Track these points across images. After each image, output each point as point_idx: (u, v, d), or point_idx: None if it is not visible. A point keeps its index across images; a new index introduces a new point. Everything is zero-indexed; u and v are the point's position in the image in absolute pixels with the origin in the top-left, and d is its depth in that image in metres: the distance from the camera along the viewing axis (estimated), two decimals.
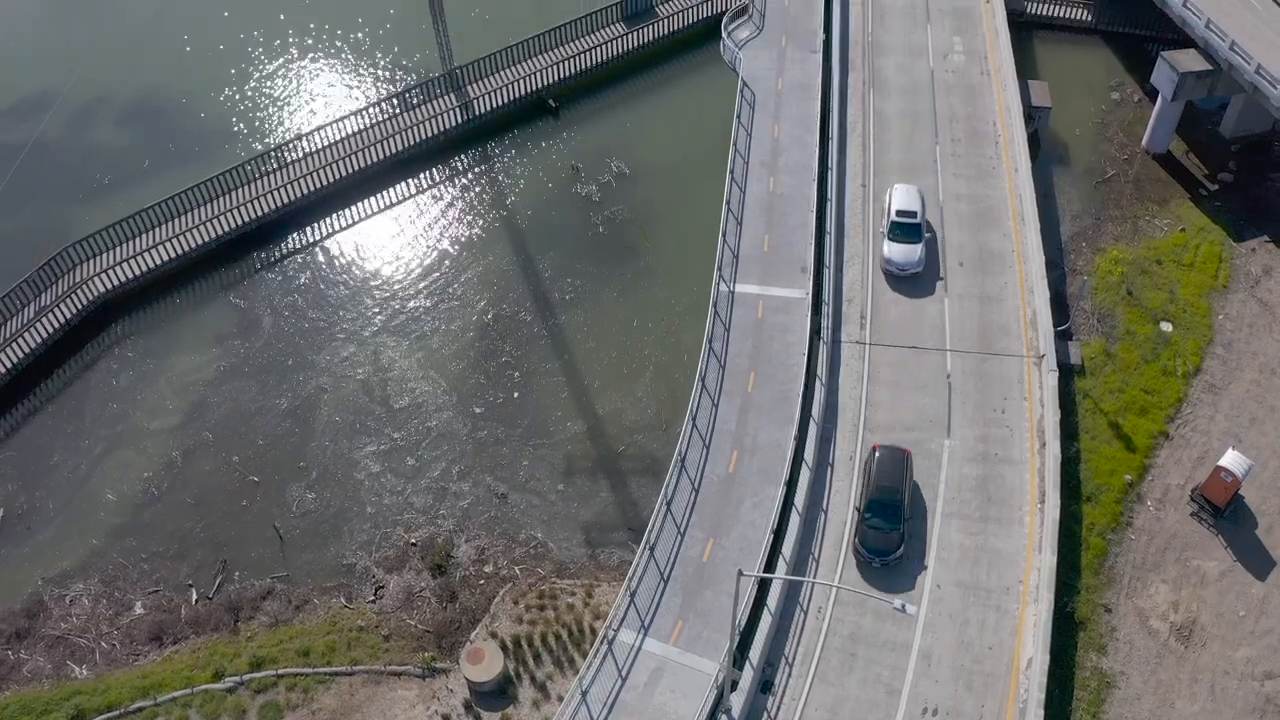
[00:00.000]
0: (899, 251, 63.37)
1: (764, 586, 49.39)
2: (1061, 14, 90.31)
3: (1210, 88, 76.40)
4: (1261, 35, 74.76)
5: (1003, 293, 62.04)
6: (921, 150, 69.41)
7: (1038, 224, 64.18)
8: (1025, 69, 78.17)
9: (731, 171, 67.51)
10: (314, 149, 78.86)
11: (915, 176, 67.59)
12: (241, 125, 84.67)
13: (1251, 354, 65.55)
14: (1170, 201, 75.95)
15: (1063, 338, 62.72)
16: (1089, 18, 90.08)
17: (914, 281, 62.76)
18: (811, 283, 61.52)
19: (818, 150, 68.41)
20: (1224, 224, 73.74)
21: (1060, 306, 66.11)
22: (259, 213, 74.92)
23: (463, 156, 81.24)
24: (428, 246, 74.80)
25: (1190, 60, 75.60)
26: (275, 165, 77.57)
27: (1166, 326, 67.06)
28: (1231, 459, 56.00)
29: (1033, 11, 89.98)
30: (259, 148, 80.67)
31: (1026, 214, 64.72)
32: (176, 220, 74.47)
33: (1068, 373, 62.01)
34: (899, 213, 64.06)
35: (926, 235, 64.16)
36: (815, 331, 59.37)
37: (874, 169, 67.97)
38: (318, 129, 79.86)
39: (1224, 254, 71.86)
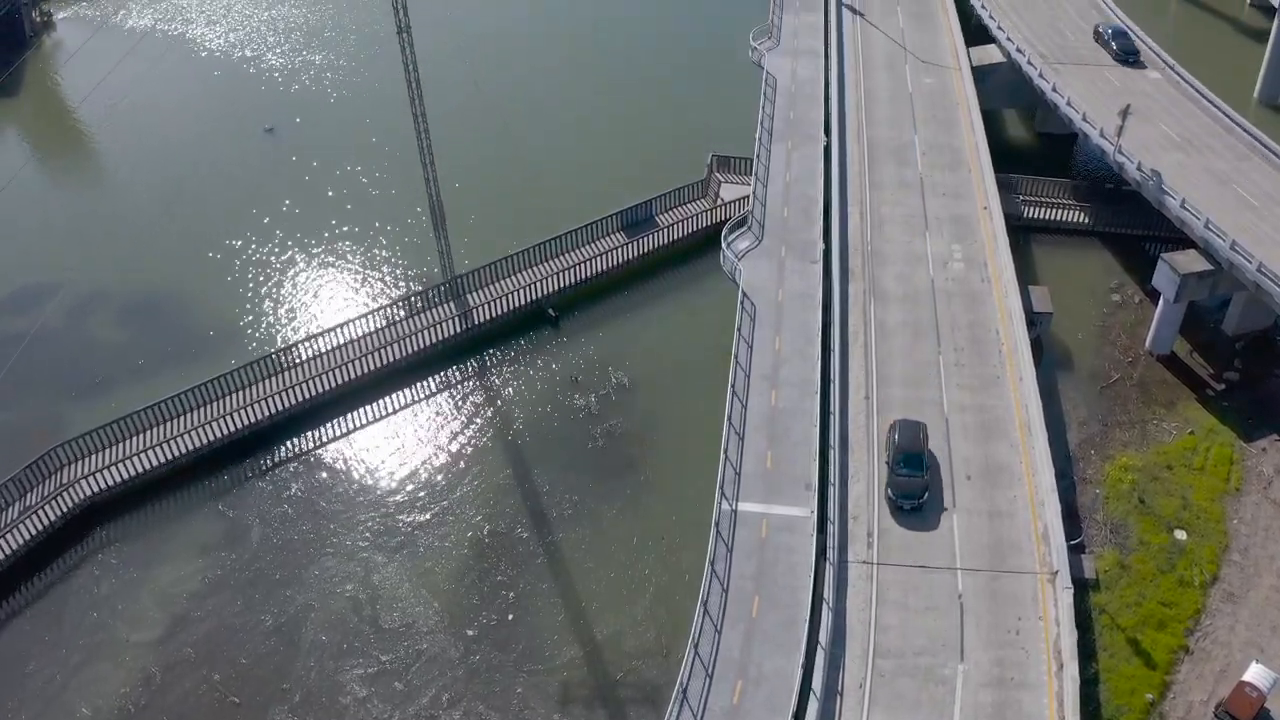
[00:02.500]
0: None
1: None
2: (1058, 217, 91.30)
3: (1212, 287, 76.59)
4: (1260, 232, 75.30)
5: (1013, 507, 60.19)
6: (924, 360, 68.47)
7: (1045, 434, 62.76)
8: (1025, 274, 78.11)
9: (732, 385, 66.48)
10: (310, 355, 78.63)
11: (918, 388, 66.60)
12: (239, 327, 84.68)
13: (1269, 559, 63.91)
14: (1177, 403, 75.21)
15: (1076, 551, 60.79)
16: (1086, 220, 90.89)
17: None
18: (816, 500, 59.87)
19: (819, 363, 67.56)
20: (1233, 424, 72.90)
21: (1071, 518, 64.39)
22: (252, 419, 74.28)
23: (461, 366, 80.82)
24: (423, 458, 73.58)
25: (1191, 261, 75.78)
26: (270, 371, 77.24)
27: (1181, 534, 65.60)
28: (1255, 673, 54.25)
29: (1029, 215, 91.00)
30: (255, 351, 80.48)
31: (1034, 424, 63.33)
32: (168, 424, 73.94)
33: (1082, 587, 60.01)
34: None
35: None
36: (821, 551, 57.39)
37: (877, 380, 66.89)
38: (314, 335, 79.86)
39: (1235, 455, 70.86)
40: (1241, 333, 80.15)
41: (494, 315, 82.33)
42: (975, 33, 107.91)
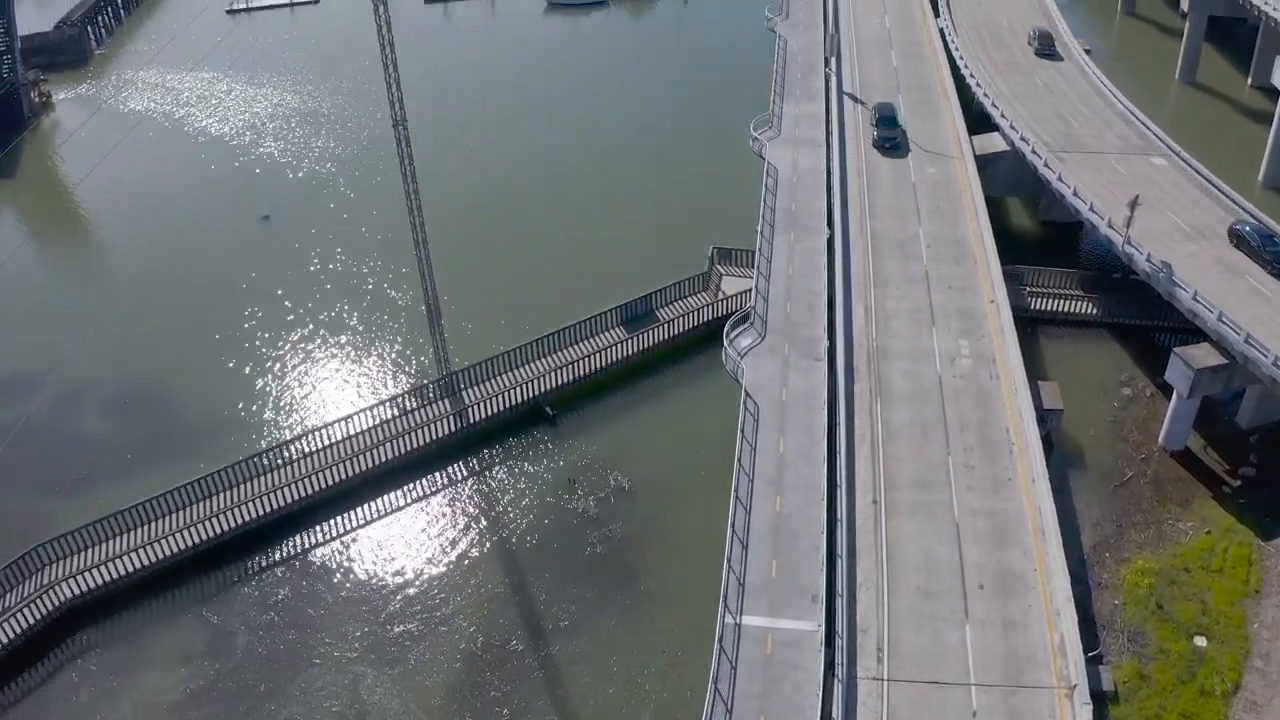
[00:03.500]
0: None
1: None
2: (1065, 308, 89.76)
3: (1227, 381, 74.75)
4: (1275, 324, 73.36)
5: (1027, 617, 57.73)
6: (933, 462, 66.19)
7: (1060, 539, 60.48)
8: (1033, 368, 76.17)
9: (736, 491, 64.07)
10: (300, 454, 76.67)
11: (928, 491, 64.30)
12: (228, 422, 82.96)
13: None
14: (1193, 501, 73.05)
15: (1094, 662, 58.45)
16: (1094, 311, 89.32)
17: (935, 607, 58.49)
18: (823, 613, 57.42)
19: (825, 467, 65.43)
20: (1250, 523, 70.60)
21: (1088, 625, 61.92)
22: (239, 521, 72.17)
23: (455, 466, 78.60)
24: (414, 564, 71.16)
25: (1204, 355, 74.05)
26: (258, 470, 75.27)
27: (1200, 641, 63.21)
28: None
29: (1036, 307, 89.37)
30: (244, 448, 78.36)
31: (1047, 529, 61.01)
32: (153, 524, 71.96)
33: (1101, 701, 57.49)
34: None
35: None
36: (829, 667, 54.91)
37: (884, 484, 64.62)
38: (305, 433, 78.01)
39: (1253, 555, 68.47)
40: (1256, 425, 78.20)
41: (490, 414, 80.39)
42: (977, 120, 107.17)
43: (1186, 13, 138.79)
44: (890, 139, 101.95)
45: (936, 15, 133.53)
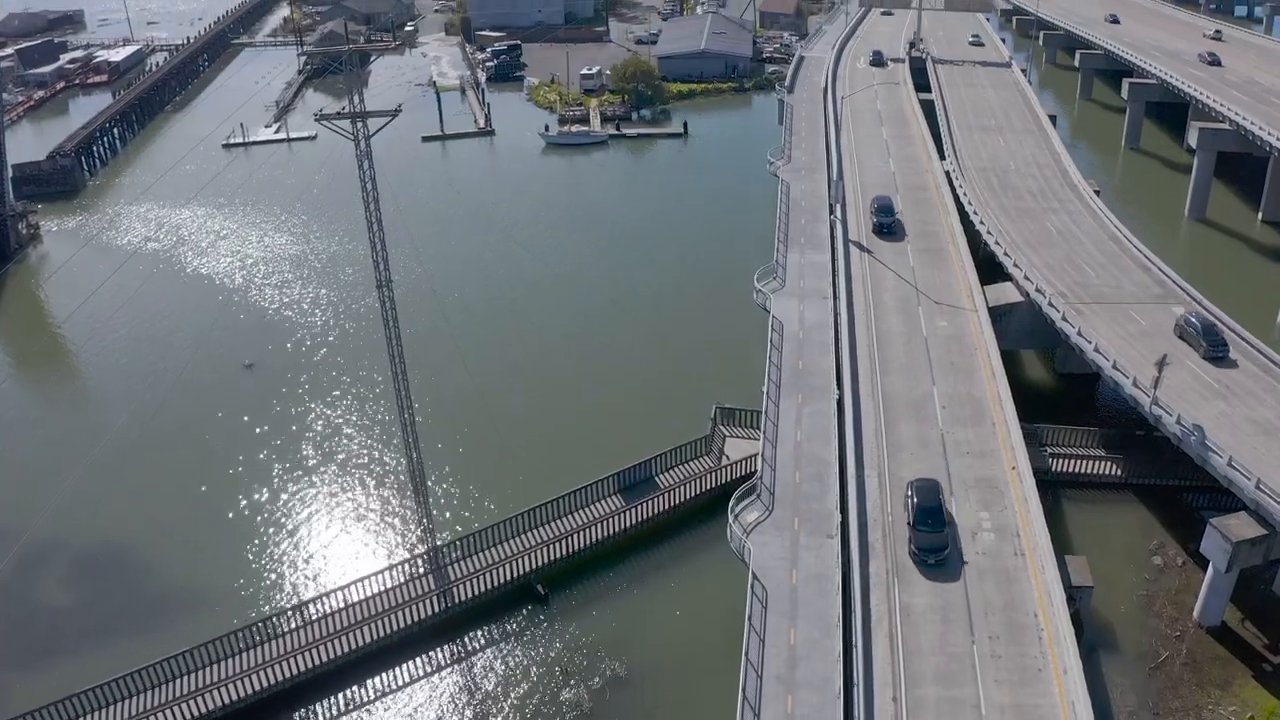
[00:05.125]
0: None
1: None
2: (1088, 470, 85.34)
3: (1266, 552, 70.00)
4: None
5: None
6: (956, 652, 60.69)
7: None
8: (1059, 538, 71.38)
9: (743, 690, 58.47)
10: (269, 636, 71.47)
11: (952, 686, 58.74)
12: (197, 597, 77.79)
13: None
14: (1233, 683, 68.08)
15: None
16: (1119, 472, 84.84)
17: None
18: None
19: (840, 663, 59.94)
20: None
21: None
22: (202, 710, 66.73)
23: (438, 651, 72.84)
24: None
25: (1242, 527, 69.45)
26: (223, 654, 70.11)
27: None
28: None
29: (1057, 469, 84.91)
30: (212, 628, 72.53)
31: None
32: (112, 709, 66.96)
33: None
34: None
35: None
36: None
37: (905, 680, 59.12)
38: (275, 614, 73.04)
39: None
40: None
41: (476, 592, 75.07)
42: (987, 267, 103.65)
43: (1194, 149, 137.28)
44: (936, 549, 67.01)
45: (942, 158, 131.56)
